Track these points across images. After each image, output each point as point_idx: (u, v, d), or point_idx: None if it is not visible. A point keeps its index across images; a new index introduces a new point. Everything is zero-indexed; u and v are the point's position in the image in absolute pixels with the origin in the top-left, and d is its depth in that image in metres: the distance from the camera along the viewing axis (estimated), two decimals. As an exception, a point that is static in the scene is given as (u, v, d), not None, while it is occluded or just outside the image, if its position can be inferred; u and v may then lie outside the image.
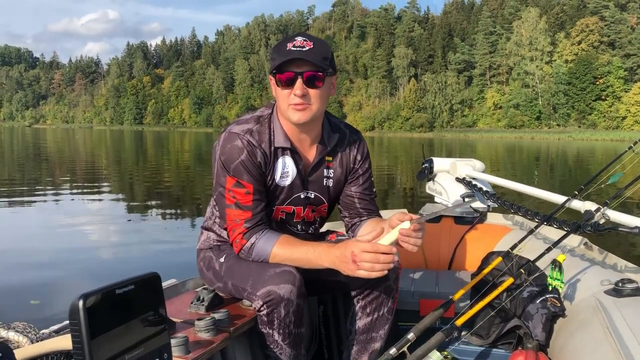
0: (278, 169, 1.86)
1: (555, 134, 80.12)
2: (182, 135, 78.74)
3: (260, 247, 1.79)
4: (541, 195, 2.45)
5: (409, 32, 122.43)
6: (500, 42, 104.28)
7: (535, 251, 2.09)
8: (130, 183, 15.11)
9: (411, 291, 2.49)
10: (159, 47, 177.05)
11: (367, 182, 2.02)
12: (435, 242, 2.93)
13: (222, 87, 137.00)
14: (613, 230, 1.89)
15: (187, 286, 2.09)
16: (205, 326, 1.60)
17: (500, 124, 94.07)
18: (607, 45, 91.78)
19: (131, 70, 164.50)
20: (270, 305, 1.69)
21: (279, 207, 1.91)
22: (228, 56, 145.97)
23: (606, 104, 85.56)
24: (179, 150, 35.39)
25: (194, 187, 14.08)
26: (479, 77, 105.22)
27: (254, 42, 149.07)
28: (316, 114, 1.78)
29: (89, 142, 48.51)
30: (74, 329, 0.85)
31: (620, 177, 2.09)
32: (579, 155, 35.42)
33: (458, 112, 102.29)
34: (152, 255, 6.50)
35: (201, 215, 9.41)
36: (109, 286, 0.90)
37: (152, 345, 1.00)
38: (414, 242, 1.65)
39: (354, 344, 2.02)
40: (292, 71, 1.72)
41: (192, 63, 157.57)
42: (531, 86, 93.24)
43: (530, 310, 2.06)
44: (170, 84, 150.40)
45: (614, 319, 1.70)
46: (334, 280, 1.96)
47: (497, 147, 47.34)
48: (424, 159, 3.33)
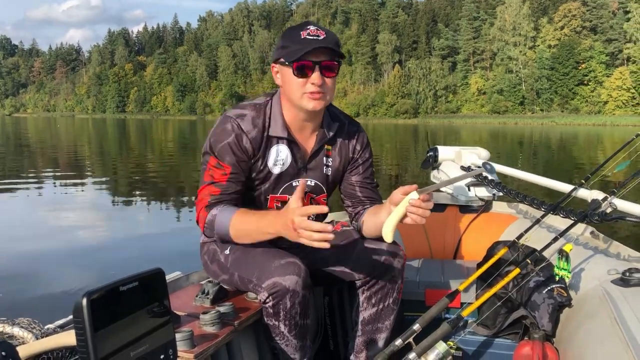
0: (271, 156, 1.86)
1: (538, 119, 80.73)
2: (165, 123, 78.11)
3: (221, 219, 1.77)
4: (547, 184, 2.43)
5: (393, 17, 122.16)
6: (483, 27, 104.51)
7: (542, 241, 2.08)
8: (114, 172, 14.97)
9: (416, 281, 2.47)
10: (141, 34, 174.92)
11: (367, 171, 2.01)
12: (440, 231, 2.92)
13: (205, 74, 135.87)
14: (620, 219, 1.87)
15: (191, 279, 2.07)
16: (210, 320, 1.59)
17: (484, 110, 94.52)
18: (589, 30, 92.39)
19: (113, 57, 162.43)
20: (276, 296, 1.68)
21: (273, 195, 1.91)
22: (211, 43, 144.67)
23: (588, 88, 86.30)
24: (162, 140, 35.08)
25: (179, 176, 13.96)
26: (463, 62, 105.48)
27: (237, 29, 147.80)
28: (329, 101, 1.81)
29: (71, 131, 47.92)
30: (78, 326, 0.85)
31: (627, 166, 2.07)
32: (562, 140, 35.77)
33: (442, 98, 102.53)
34: (140, 245, 6.44)
35: (185, 206, 9.39)
36: (113, 283, 0.90)
37: (156, 341, 0.99)
38: (422, 213, 1.60)
39: (359, 335, 2.01)
40: (310, 60, 1.71)
41: (175, 50, 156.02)
42: (515, 71, 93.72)
43: (537, 300, 2.05)
44: (153, 72, 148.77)
45: (621, 309, 1.69)
46: (339, 271, 1.96)
47: (481, 132, 47.60)
48: (428, 147, 3.31)
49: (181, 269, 2.09)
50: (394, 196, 1.66)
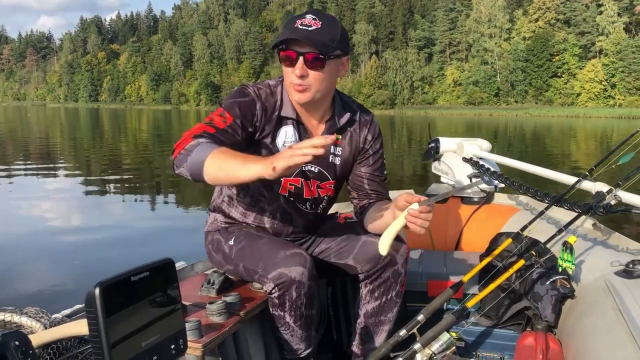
0: (280, 137, 1.83)
1: (513, 110, 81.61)
2: (139, 113, 77.09)
3: (203, 147, 1.58)
4: (550, 175, 2.43)
5: (370, 8, 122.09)
6: (459, 18, 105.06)
7: (544, 232, 2.08)
8: (87, 162, 14.73)
9: (419, 272, 2.47)
10: (114, 21, 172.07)
11: (377, 163, 1.98)
12: (442, 222, 2.92)
13: (180, 63, 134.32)
14: (626, 211, 1.88)
15: (195, 269, 2.07)
16: (217, 310, 1.60)
17: (460, 101, 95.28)
18: (562, 23, 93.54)
19: (85, 45, 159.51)
20: (282, 287, 1.69)
21: (286, 179, 1.87)
22: (186, 31, 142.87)
23: (562, 80, 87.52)
24: (136, 129, 34.60)
25: (153, 166, 13.77)
26: (439, 54, 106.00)
27: (212, 17, 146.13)
28: (316, 95, 1.75)
29: (42, 120, 46.96)
30: (91, 316, 0.86)
31: (631, 158, 2.08)
32: (535, 131, 36.24)
33: (418, 89, 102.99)
34: (121, 237, 6.35)
35: (158, 194, 9.29)
36: (125, 273, 0.91)
37: (167, 331, 1.00)
38: (421, 224, 1.62)
39: (362, 327, 2.02)
40: (295, 50, 1.68)
41: (149, 38, 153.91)
42: (490, 63, 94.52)
43: (540, 291, 2.05)
44: (127, 60, 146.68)
45: (625, 300, 1.69)
46: (342, 264, 1.96)
47: (457, 123, 47.94)
48: (430, 139, 3.30)
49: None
50: (398, 201, 1.67)
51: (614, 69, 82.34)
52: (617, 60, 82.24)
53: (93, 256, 5.47)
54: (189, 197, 9.31)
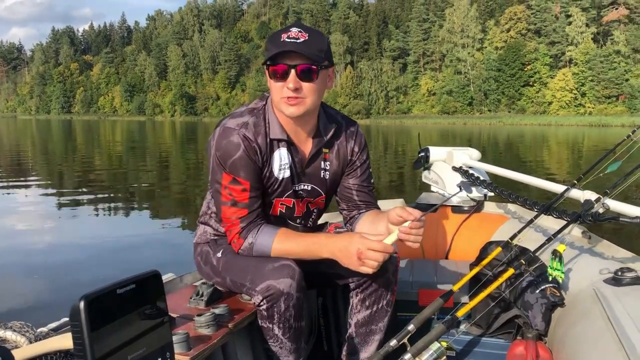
0: (275, 162, 1.82)
1: (486, 119, 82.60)
2: (113, 124, 76.20)
3: (260, 244, 1.76)
4: (539, 184, 2.44)
5: (345, 18, 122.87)
6: (433, 29, 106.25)
7: (534, 241, 2.09)
8: (59, 173, 14.48)
9: (410, 281, 2.47)
10: (87, 32, 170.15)
11: (364, 173, 1.99)
12: (433, 231, 2.92)
13: (154, 74, 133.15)
14: (614, 220, 1.89)
15: (184, 280, 2.05)
16: (205, 322, 1.59)
17: (434, 110, 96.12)
18: (533, 33, 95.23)
19: (57, 56, 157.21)
20: (270, 300, 1.67)
21: (278, 199, 1.87)
22: (160, 42, 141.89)
23: (534, 89, 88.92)
24: (110, 141, 34.16)
25: (129, 179, 13.58)
26: (413, 64, 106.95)
27: (187, 28, 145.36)
28: (310, 107, 1.74)
29: (13, 132, 46.10)
30: (75, 330, 0.85)
31: (619, 166, 2.09)
32: (509, 140, 36.71)
33: (393, 98, 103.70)
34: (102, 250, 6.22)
35: (127, 203, 9.17)
36: (110, 286, 0.90)
37: (154, 344, 0.99)
38: (414, 239, 1.65)
39: (353, 337, 2.01)
40: (286, 64, 1.67)
41: (123, 49, 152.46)
42: (463, 73, 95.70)
43: (530, 300, 2.05)
44: (100, 71, 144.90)
45: (614, 308, 1.70)
46: (333, 273, 1.94)
47: (432, 132, 48.32)
48: (419, 148, 3.31)
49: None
50: (391, 215, 1.69)
51: (584, 78, 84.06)
52: (587, 70, 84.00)
53: (75, 270, 5.36)
54: (165, 209, 9.20)
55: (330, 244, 1.69)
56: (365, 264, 1.62)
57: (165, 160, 19.78)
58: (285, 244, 1.75)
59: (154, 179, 13.54)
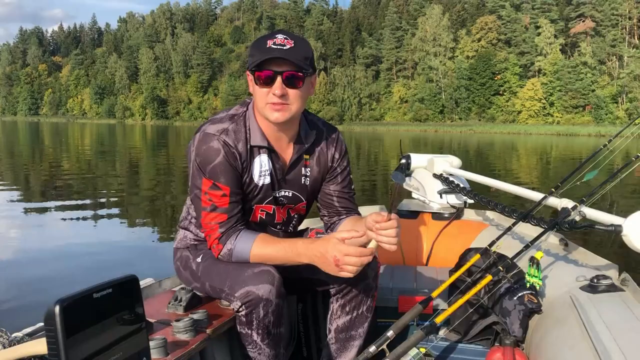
0: (256, 168, 1.81)
1: (457, 127, 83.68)
2: (82, 127, 74.91)
3: (239, 250, 1.75)
4: (518, 192, 2.47)
5: (318, 25, 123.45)
6: (406, 37, 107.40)
7: (512, 248, 2.10)
8: (25, 177, 14.14)
9: (390, 287, 2.47)
10: (56, 33, 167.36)
11: (345, 180, 2.00)
12: (413, 238, 2.93)
13: (125, 77, 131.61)
14: (590, 227, 1.92)
15: (163, 286, 2.03)
16: (183, 327, 1.58)
17: (406, 118, 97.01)
18: (504, 43, 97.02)
19: (25, 57, 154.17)
20: (249, 305, 1.66)
21: (258, 205, 1.87)
22: (132, 44, 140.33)
23: (503, 98, 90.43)
24: (79, 144, 33.56)
25: (97, 184, 13.33)
26: (386, 71, 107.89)
27: (159, 31, 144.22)
28: (295, 114, 1.75)
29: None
30: (50, 334, 0.83)
31: (596, 175, 2.13)
32: (479, 147, 37.20)
33: (366, 105, 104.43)
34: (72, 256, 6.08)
35: (97, 208, 9.01)
36: (86, 290, 0.89)
37: (130, 349, 0.98)
38: (387, 241, 1.64)
39: (332, 342, 2.01)
40: (272, 70, 1.67)
41: (93, 51, 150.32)
42: (435, 81, 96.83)
43: (508, 306, 2.07)
44: (69, 73, 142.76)
45: (589, 315, 1.73)
46: (313, 279, 1.94)
47: (404, 139, 48.71)
48: (401, 155, 3.32)
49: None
50: (367, 221, 1.69)
51: (552, 88, 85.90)
52: (555, 80, 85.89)
53: (48, 275, 5.22)
54: (134, 213, 9.05)
55: (308, 250, 1.69)
56: (344, 269, 1.62)
57: (136, 164, 19.50)
58: (264, 250, 1.74)
59: (124, 184, 13.31)
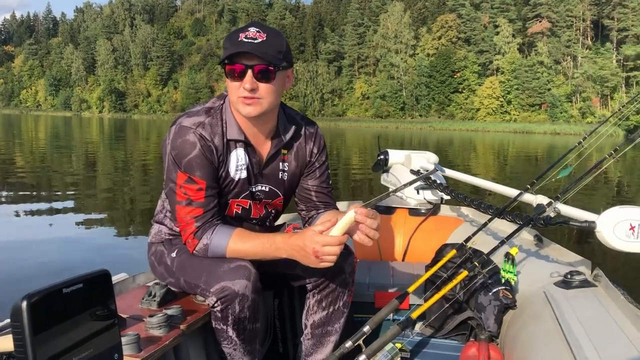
0: (232, 162, 1.79)
1: (417, 123, 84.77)
2: (37, 119, 72.73)
3: (215, 245, 1.73)
4: (494, 188, 2.49)
5: (281, 19, 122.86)
6: (368, 34, 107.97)
7: (488, 244, 2.12)
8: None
9: (366, 283, 2.47)
10: (8, 21, 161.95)
11: (323, 175, 1.98)
12: (390, 233, 2.93)
13: (82, 68, 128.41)
14: (564, 223, 1.95)
15: (137, 281, 2.00)
16: (157, 323, 1.56)
17: (368, 114, 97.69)
18: (463, 41, 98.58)
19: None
20: (225, 301, 1.64)
21: (234, 200, 1.84)
22: (89, 35, 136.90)
23: (463, 96, 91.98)
24: (33, 137, 32.57)
25: (52, 178, 12.96)
26: (348, 67, 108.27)
27: (117, 22, 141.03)
28: (267, 108, 1.71)
29: None
30: (16, 331, 0.80)
31: (570, 172, 2.17)
32: (438, 144, 37.75)
33: (329, 101, 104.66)
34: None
35: (57, 201, 8.79)
36: (55, 285, 0.86)
37: (101, 345, 0.96)
38: (366, 233, 1.63)
39: (309, 338, 2.00)
40: (243, 64, 1.64)
41: (48, 41, 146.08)
42: (396, 78, 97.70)
43: (483, 302, 2.08)
44: (22, 63, 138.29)
45: (563, 310, 1.76)
46: (290, 274, 1.93)
47: (365, 136, 49.04)
48: (379, 151, 3.32)
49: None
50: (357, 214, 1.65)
51: (510, 86, 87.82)
52: (512, 78, 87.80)
53: (15, 270, 5.01)
54: (91, 208, 8.82)
55: (287, 245, 1.67)
56: (324, 260, 1.61)
57: (93, 158, 19.03)
58: (240, 245, 1.72)
59: (81, 178, 12.97)
